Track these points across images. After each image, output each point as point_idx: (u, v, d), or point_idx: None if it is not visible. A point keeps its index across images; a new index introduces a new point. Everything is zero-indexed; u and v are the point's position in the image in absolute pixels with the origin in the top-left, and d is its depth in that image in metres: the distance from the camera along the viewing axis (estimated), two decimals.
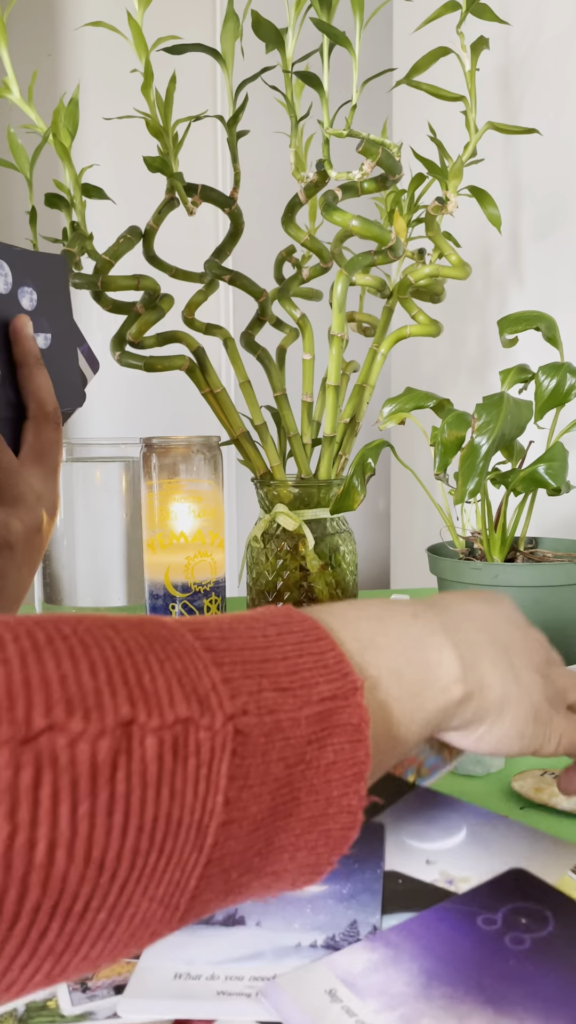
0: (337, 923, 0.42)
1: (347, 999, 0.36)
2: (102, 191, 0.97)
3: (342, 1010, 0.36)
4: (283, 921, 0.42)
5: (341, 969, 0.38)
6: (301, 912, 0.42)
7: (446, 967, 0.38)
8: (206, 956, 0.39)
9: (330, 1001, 0.37)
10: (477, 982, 0.37)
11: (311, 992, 0.37)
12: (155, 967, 0.39)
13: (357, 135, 0.93)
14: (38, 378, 0.58)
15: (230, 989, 0.37)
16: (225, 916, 0.42)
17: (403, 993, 0.37)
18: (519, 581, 0.79)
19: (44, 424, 0.58)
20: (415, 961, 0.38)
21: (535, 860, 0.46)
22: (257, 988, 0.38)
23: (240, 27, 0.97)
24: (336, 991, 0.37)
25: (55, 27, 2.09)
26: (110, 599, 0.96)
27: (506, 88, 1.48)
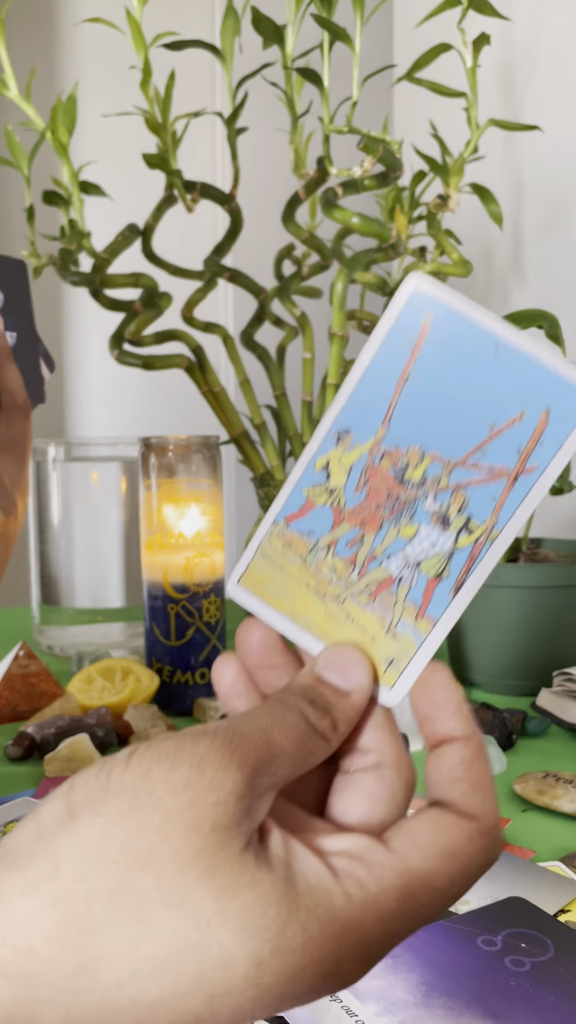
0: None
1: (347, 1000, 0.36)
2: (100, 188, 0.97)
3: (342, 1010, 0.36)
4: None
5: None
6: None
7: (446, 980, 0.38)
8: None
9: (330, 1000, 0.36)
10: (476, 997, 0.37)
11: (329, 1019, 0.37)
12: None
13: (358, 132, 0.92)
14: (9, 371, 0.60)
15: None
16: None
17: (403, 1000, 0.36)
18: (521, 582, 0.79)
19: (15, 415, 0.60)
20: (414, 971, 0.38)
21: (535, 892, 0.45)
22: None
23: (239, 23, 0.96)
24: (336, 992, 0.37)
25: (53, 23, 2.08)
26: (108, 600, 0.96)
27: (508, 85, 1.47)
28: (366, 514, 0.30)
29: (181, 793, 0.25)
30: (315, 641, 0.31)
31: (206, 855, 0.24)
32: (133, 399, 2.10)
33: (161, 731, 0.69)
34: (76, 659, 0.88)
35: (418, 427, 0.29)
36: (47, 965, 0.24)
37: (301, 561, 0.31)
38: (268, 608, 0.31)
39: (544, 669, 0.80)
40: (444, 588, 0.29)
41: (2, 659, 0.82)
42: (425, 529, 0.30)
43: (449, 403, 0.29)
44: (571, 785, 0.58)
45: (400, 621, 0.30)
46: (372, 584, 0.30)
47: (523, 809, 0.58)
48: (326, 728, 0.28)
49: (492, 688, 0.82)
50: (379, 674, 0.30)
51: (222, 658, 0.32)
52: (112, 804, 0.25)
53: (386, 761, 0.30)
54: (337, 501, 0.30)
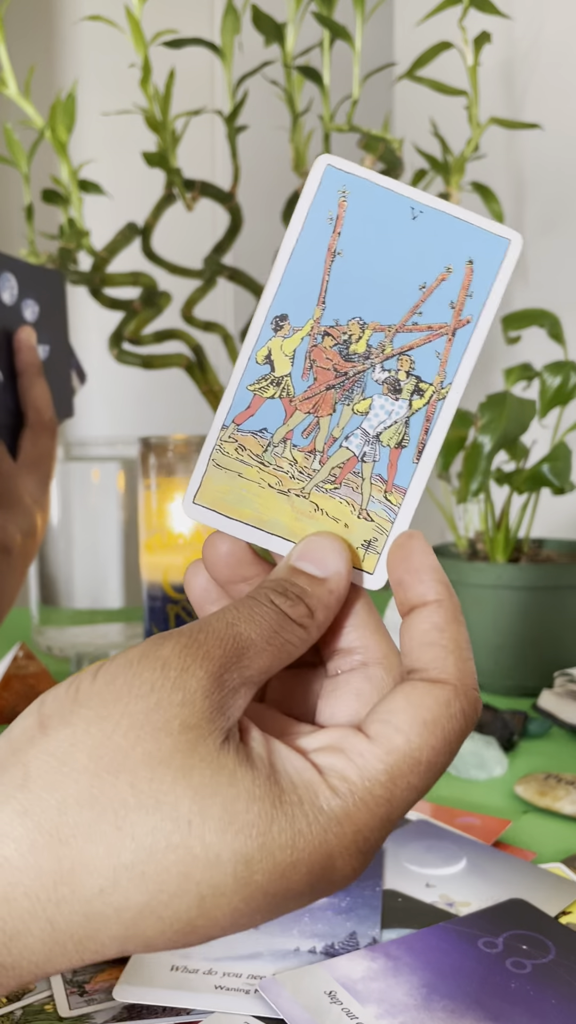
0: (336, 933, 0.42)
1: (347, 1002, 0.37)
2: (99, 187, 0.97)
3: (342, 1012, 0.36)
4: (281, 926, 0.42)
5: (340, 973, 0.38)
6: (299, 920, 0.42)
7: (446, 982, 0.38)
8: (203, 952, 0.40)
9: (330, 1002, 0.37)
10: (477, 999, 0.36)
11: (310, 991, 0.37)
12: (151, 958, 0.39)
13: (358, 130, 0.92)
14: (38, 387, 0.59)
15: (228, 984, 0.38)
16: None
17: (403, 1003, 0.36)
18: (523, 582, 0.78)
19: (41, 432, 0.60)
20: (415, 974, 0.38)
21: (536, 894, 0.45)
22: (255, 985, 0.38)
23: (240, 21, 0.96)
24: (336, 993, 0.37)
25: (53, 21, 2.08)
26: (107, 601, 0.95)
27: (509, 83, 1.47)
28: (317, 398, 0.30)
29: (147, 697, 0.24)
30: (285, 543, 0.30)
31: (179, 756, 0.24)
32: (133, 398, 2.10)
33: None
34: (75, 660, 0.88)
35: (353, 300, 0.30)
36: (23, 875, 0.23)
37: (258, 462, 0.30)
38: (231, 521, 0.30)
39: (545, 670, 0.80)
40: (407, 456, 0.30)
41: (1, 660, 0.81)
42: (379, 400, 0.30)
43: (379, 272, 0.30)
44: (572, 787, 0.58)
45: (370, 500, 0.30)
46: (336, 468, 0.30)
47: (524, 811, 0.58)
48: (301, 615, 0.28)
49: (493, 689, 0.82)
50: (358, 560, 0.30)
51: (193, 565, 0.31)
52: (80, 714, 0.25)
53: (372, 659, 0.30)
54: (285, 391, 0.30)
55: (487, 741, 0.65)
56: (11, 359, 0.60)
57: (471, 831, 0.54)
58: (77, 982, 0.39)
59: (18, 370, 0.59)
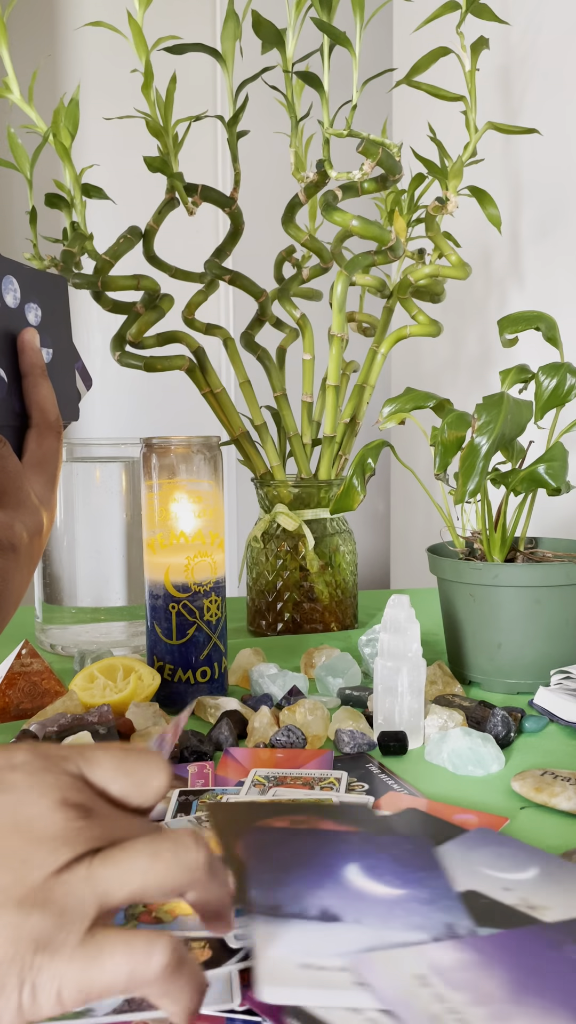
0: (433, 924, 0.42)
1: (438, 987, 0.37)
2: (102, 191, 0.97)
3: (433, 995, 0.36)
4: (380, 919, 0.42)
5: (431, 959, 0.39)
6: (392, 912, 0.43)
7: (537, 982, 0.38)
8: (323, 949, 0.40)
9: (420, 985, 0.37)
10: (565, 1002, 0.36)
11: (402, 973, 0.38)
12: (276, 956, 0.39)
13: (357, 135, 0.93)
14: (42, 388, 0.60)
15: (362, 980, 0.38)
16: (320, 912, 0.42)
17: (493, 994, 0.37)
18: (519, 581, 0.79)
19: (46, 433, 0.60)
20: (506, 970, 0.38)
21: None
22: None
23: (240, 27, 0.97)
24: (427, 977, 0.37)
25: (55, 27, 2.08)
26: (110, 599, 0.96)
27: (506, 88, 1.48)
28: None
29: None
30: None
31: None
32: (135, 400, 2.11)
33: (162, 729, 0.70)
34: (78, 658, 0.88)
35: None
36: None
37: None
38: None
39: (542, 667, 0.81)
40: None
41: (5, 658, 0.82)
42: None
43: None
44: (569, 783, 0.59)
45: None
46: None
47: (521, 807, 0.59)
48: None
49: (490, 686, 0.83)
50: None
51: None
52: None
53: None
54: None
55: (484, 738, 0.66)
56: (15, 361, 0.60)
57: (469, 827, 0.54)
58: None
59: (22, 371, 0.60)
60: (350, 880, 0.45)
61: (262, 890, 0.44)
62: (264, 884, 0.44)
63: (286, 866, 0.46)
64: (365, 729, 0.70)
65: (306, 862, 0.46)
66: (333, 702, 0.78)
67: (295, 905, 0.43)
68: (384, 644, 0.70)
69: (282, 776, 0.61)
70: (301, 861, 0.47)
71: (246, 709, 0.74)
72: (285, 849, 0.48)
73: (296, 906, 0.42)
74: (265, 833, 0.49)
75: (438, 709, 0.71)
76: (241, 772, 0.63)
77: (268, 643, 0.98)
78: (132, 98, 1.02)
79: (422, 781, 0.63)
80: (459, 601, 0.84)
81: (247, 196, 1.12)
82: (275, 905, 0.42)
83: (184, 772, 0.62)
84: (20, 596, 0.57)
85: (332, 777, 0.61)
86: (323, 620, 1.04)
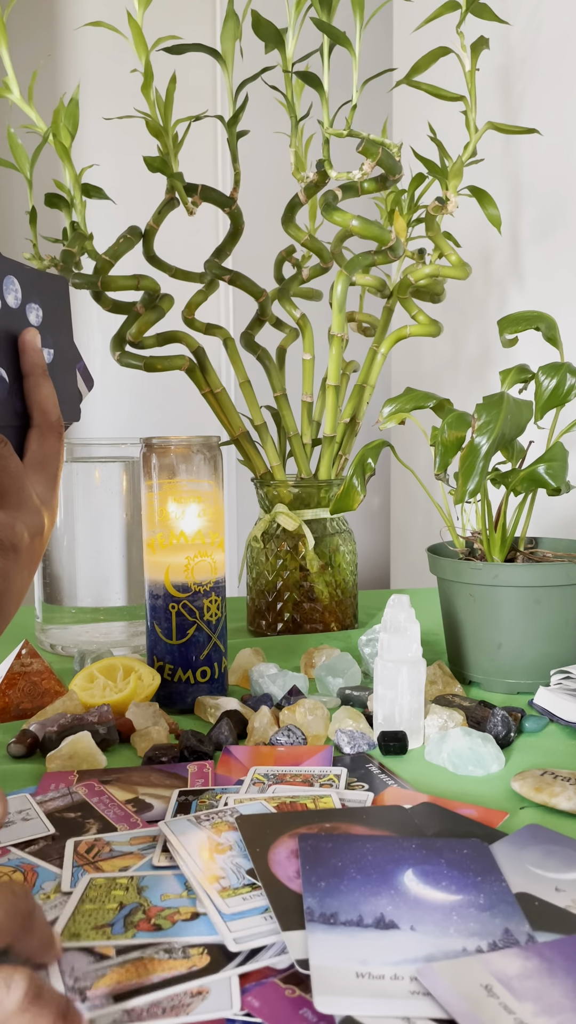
0: (491, 931, 0.42)
1: (504, 996, 0.37)
2: (102, 191, 0.97)
3: (499, 1006, 0.36)
4: (436, 926, 0.42)
5: (495, 968, 0.39)
6: (448, 918, 0.43)
7: None
8: (379, 957, 0.40)
9: (487, 995, 0.37)
10: None
11: (467, 983, 0.37)
12: (330, 967, 0.39)
13: (357, 135, 0.93)
14: (43, 389, 0.60)
15: (418, 988, 0.38)
16: (375, 920, 0.42)
17: (561, 1003, 0.36)
18: (519, 581, 0.79)
19: (48, 433, 0.60)
20: (570, 976, 0.38)
21: None
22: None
23: (240, 27, 0.97)
24: (492, 987, 0.37)
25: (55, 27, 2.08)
26: (110, 599, 0.96)
27: (506, 88, 1.48)
28: None
29: None
30: None
31: None
32: (135, 400, 2.11)
33: (163, 729, 0.70)
34: (78, 657, 0.88)
35: None
36: None
37: None
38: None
39: (542, 667, 0.81)
40: None
41: (5, 658, 0.82)
42: None
43: None
44: (569, 783, 0.59)
45: None
46: None
47: (521, 807, 0.59)
48: None
49: (490, 686, 0.83)
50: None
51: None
52: None
53: None
54: None
55: (484, 738, 0.66)
56: (16, 361, 0.60)
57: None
58: (78, 988, 0.39)
59: (23, 372, 0.60)
60: (406, 886, 0.45)
61: (317, 898, 0.44)
62: (319, 892, 0.44)
63: (341, 873, 0.46)
64: (365, 729, 0.70)
65: (362, 868, 0.46)
66: (333, 702, 0.78)
67: (351, 912, 0.43)
68: (384, 644, 0.70)
69: (281, 774, 0.61)
70: (357, 868, 0.46)
71: (246, 709, 0.74)
72: (339, 856, 0.48)
73: (352, 914, 0.43)
74: (318, 840, 0.49)
75: (438, 709, 0.71)
76: (241, 770, 0.63)
77: (268, 643, 0.98)
78: (132, 98, 1.02)
79: (422, 781, 0.63)
80: (459, 601, 0.84)
81: (247, 196, 1.12)
82: (331, 913, 0.42)
83: (184, 772, 0.62)
84: (21, 596, 0.57)
85: (332, 774, 0.61)
86: (323, 620, 1.04)
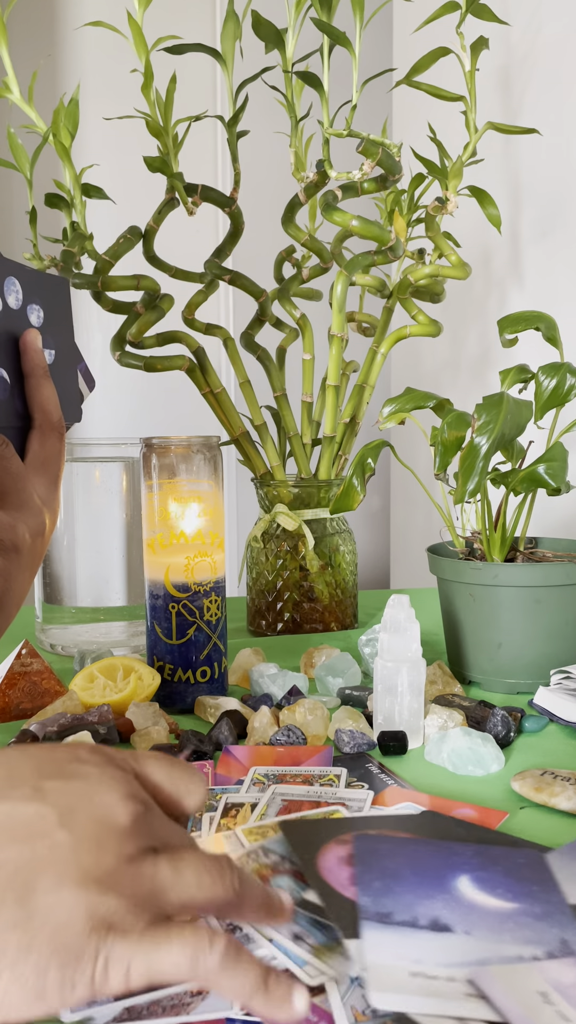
0: (547, 940, 0.41)
1: (560, 1004, 0.36)
2: (102, 191, 0.97)
3: (556, 1013, 0.36)
4: (491, 932, 0.42)
5: (551, 976, 0.38)
6: (504, 925, 0.42)
7: None
8: (433, 958, 0.40)
9: (543, 1002, 0.37)
10: None
11: (524, 989, 0.37)
12: (384, 964, 0.39)
13: (357, 135, 0.93)
14: (45, 389, 0.60)
15: (476, 992, 0.38)
16: (429, 922, 0.42)
17: None
18: (519, 581, 0.79)
19: (49, 434, 0.60)
20: None
21: None
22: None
23: (240, 27, 0.97)
24: (548, 995, 0.37)
25: (55, 27, 2.08)
26: (110, 599, 0.96)
27: (506, 88, 1.48)
28: None
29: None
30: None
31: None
32: (135, 400, 2.11)
33: (163, 729, 0.70)
34: (78, 657, 0.89)
35: None
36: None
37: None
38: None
39: (542, 667, 0.81)
40: None
41: (5, 658, 0.82)
42: None
43: None
44: (568, 782, 0.59)
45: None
46: None
47: (521, 807, 0.59)
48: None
49: (490, 686, 0.83)
50: None
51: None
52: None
53: None
54: None
55: (484, 738, 0.66)
56: (18, 362, 0.60)
57: (468, 822, 0.54)
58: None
59: (24, 372, 0.60)
60: (461, 892, 0.45)
61: (373, 897, 0.44)
62: (374, 891, 0.45)
63: (396, 875, 0.46)
64: (365, 729, 0.70)
65: (417, 872, 0.47)
66: (333, 702, 0.78)
67: (406, 913, 0.43)
68: (384, 644, 0.70)
69: (281, 774, 0.61)
70: (412, 871, 0.47)
71: (246, 709, 0.74)
72: (395, 858, 0.48)
73: (407, 914, 0.43)
74: (375, 841, 0.49)
75: (438, 709, 0.71)
76: (241, 770, 0.63)
77: (268, 643, 0.98)
78: (132, 98, 1.02)
79: (422, 781, 0.63)
80: (459, 601, 0.84)
81: (247, 196, 1.12)
82: (386, 912, 0.43)
83: None
84: (23, 597, 0.57)
85: (332, 774, 0.61)
86: (323, 620, 1.04)
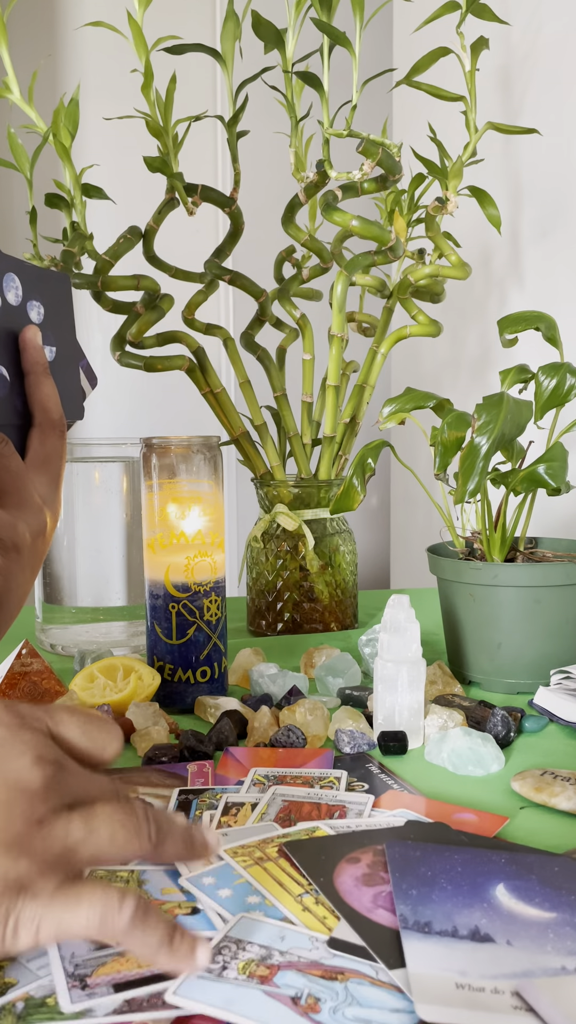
0: None
1: None
2: (102, 191, 0.97)
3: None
4: (533, 942, 0.41)
5: None
6: (545, 935, 0.42)
7: None
8: (477, 970, 0.39)
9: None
10: None
11: (571, 1001, 0.37)
12: (429, 975, 0.39)
13: (357, 135, 0.93)
14: (45, 387, 0.60)
15: (523, 1005, 0.37)
16: (470, 932, 0.42)
17: None
18: (519, 581, 0.79)
19: (50, 432, 0.60)
20: None
21: None
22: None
23: (240, 27, 0.97)
24: None
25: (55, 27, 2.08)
26: (110, 599, 0.96)
27: (506, 88, 1.48)
28: None
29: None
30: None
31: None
32: (135, 400, 2.11)
33: (163, 729, 0.70)
34: (78, 657, 0.89)
35: None
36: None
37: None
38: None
39: (542, 667, 0.81)
40: None
41: (5, 658, 0.82)
42: None
43: None
44: (569, 783, 0.59)
45: None
46: None
47: (521, 807, 0.59)
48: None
49: (490, 686, 0.83)
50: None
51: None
52: None
53: None
54: None
55: (484, 738, 0.66)
56: (18, 359, 0.60)
57: (469, 827, 0.54)
58: (79, 976, 0.39)
59: (24, 369, 0.60)
60: (498, 900, 0.45)
61: (410, 905, 0.43)
62: (411, 900, 0.44)
63: (431, 882, 0.46)
64: (365, 729, 0.70)
65: (452, 880, 0.46)
66: (333, 702, 0.78)
67: (446, 923, 0.42)
68: (384, 644, 0.70)
69: (282, 775, 0.61)
70: (447, 878, 0.46)
71: (246, 709, 0.74)
72: (428, 865, 0.47)
73: (447, 924, 0.42)
74: (406, 848, 0.49)
75: (438, 709, 0.71)
76: (241, 771, 0.63)
77: (268, 643, 0.98)
78: (132, 98, 1.02)
79: (422, 781, 0.63)
80: (459, 601, 0.84)
81: (247, 196, 1.12)
82: (426, 922, 0.42)
83: (184, 772, 0.62)
84: (24, 596, 0.57)
85: (332, 776, 0.61)
86: (323, 620, 1.04)
